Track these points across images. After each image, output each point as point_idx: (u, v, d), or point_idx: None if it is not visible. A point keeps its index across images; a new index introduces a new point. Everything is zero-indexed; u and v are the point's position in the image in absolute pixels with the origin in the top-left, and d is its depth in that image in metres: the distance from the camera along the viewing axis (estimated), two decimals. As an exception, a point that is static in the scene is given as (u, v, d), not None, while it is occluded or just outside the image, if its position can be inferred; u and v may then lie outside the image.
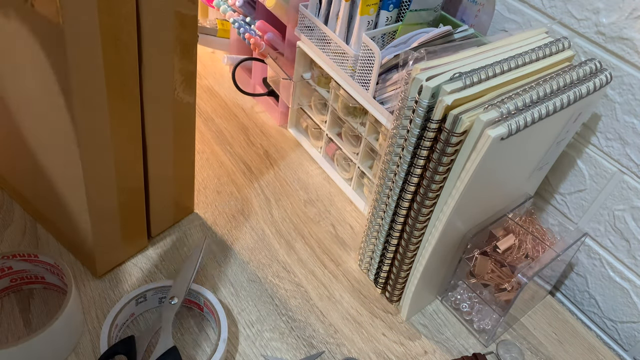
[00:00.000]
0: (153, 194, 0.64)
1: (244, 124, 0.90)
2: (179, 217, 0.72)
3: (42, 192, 0.63)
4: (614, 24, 0.62)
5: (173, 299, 0.58)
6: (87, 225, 0.58)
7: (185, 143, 0.65)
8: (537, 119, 0.51)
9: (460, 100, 0.50)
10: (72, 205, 0.58)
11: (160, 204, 0.67)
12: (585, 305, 0.75)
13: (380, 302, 0.68)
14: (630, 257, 0.68)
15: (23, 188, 0.67)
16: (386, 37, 0.71)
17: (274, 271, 0.69)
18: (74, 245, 0.64)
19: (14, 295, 0.61)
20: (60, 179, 0.58)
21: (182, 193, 0.70)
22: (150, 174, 0.62)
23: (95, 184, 0.55)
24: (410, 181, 0.56)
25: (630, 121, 0.63)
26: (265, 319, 0.64)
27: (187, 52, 0.57)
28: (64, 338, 0.55)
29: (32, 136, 0.58)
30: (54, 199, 0.61)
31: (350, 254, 0.73)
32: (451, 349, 0.65)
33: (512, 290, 0.63)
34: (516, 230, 0.67)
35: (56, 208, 0.62)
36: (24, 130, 0.58)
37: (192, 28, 0.56)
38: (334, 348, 0.62)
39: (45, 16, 0.43)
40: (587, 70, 0.57)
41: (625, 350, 0.72)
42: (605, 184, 0.68)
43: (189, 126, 0.64)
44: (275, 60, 0.84)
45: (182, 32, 0.55)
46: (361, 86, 0.69)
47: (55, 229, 0.66)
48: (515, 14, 0.72)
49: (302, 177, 0.83)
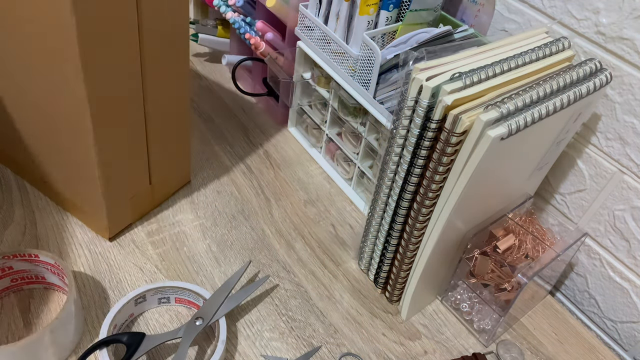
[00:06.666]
0: (152, 152, 0.66)
1: (244, 124, 0.90)
2: (178, 184, 0.76)
3: (46, 152, 0.65)
4: (614, 24, 0.62)
5: (198, 320, 0.57)
6: (95, 181, 0.60)
7: (181, 95, 0.67)
8: (537, 119, 0.51)
9: (460, 100, 0.50)
10: (80, 160, 0.60)
11: (160, 162, 0.69)
12: (585, 305, 0.75)
13: (380, 302, 0.68)
14: (630, 257, 0.68)
15: (22, 154, 0.68)
16: (386, 37, 0.71)
17: (274, 271, 0.69)
18: (80, 209, 0.67)
19: (14, 295, 0.61)
20: (66, 132, 0.59)
21: (179, 155, 0.74)
22: (148, 128, 0.64)
23: (103, 128, 0.57)
24: (410, 181, 0.56)
25: (630, 121, 0.63)
26: (265, 318, 0.64)
27: None
28: (64, 338, 0.55)
29: (33, 95, 0.59)
30: (58, 159, 0.63)
31: (350, 254, 0.73)
32: (451, 349, 0.65)
33: (512, 290, 0.63)
34: (516, 230, 0.67)
35: (62, 170, 0.64)
36: (24, 90, 0.59)
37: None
38: (334, 348, 0.62)
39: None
40: (587, 70, 0.57)
41: (625, 350, 0.72)
42: (605, 184, 0.68)
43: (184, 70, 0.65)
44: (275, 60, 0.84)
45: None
46: (361, 86, 0.69)
47: (60, 194, 0.68)
48: (515, 14, 0.72)
49: (302, 177, 0.83)
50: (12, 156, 0.72)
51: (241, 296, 0.62)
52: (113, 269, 0.65)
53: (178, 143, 0.72)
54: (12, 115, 0.65)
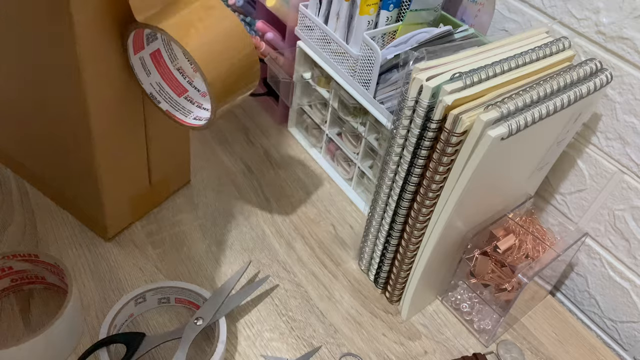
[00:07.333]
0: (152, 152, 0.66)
1: (244, 124, 0.90)
2: (178, 184, 0.76)
3: (45, 154, 0.65)
4: (614, 23, 0.62)
5: (198, 320, 0.57)
6: (95, 181, 0.60)
7: None
8: (538, 118, 0.51)
9: (460, 100, 0.50)
10: (80, 161, 0.60)
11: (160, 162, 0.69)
12: (586, 305, 0.75)
13: (380, 302, 0.68)
14: (630, 256, 0.68)
15: (22, 154, 0.69)
16: (386, 37, 0.70)
17: (274, 271, 0.69)
18: (80, 209, 0.67)
19: (14, 296, 0.60)
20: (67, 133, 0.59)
21: (179, 155, 0.74)
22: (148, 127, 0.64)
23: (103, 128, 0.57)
24: (411, 181, 0.56)
25: (630, 121, 0.63)
26: (265, 319, 0.64)
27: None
28: (64, 338, 0.55)
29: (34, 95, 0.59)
30: (59, 159, 0.63)
31: (350, 254, 0.73)
32: (451, 349, 0.65)
33: (513, 290, 0.63)
34: (516, 230, 0.67)
35: (62, 170, 0.64)
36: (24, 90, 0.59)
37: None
38: (334, 348, 0.62)
39: None
40: (587, 70, 0.57)
41: (625, 350, 0.72)
42: (605, 184, 0.68)
43: None
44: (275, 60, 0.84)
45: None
46: (361, 86, 0.69)
47: (60, 194, 0.68)
48: (515, 13, 0.72)
49: (302, 177, 0.83)
50: (12, 156, 0.72)
51: (241, 296, 0.62)
52: (113, 269, 0.65)
53: (178, 143, 0.72)
54: (12, 115, 0.65)
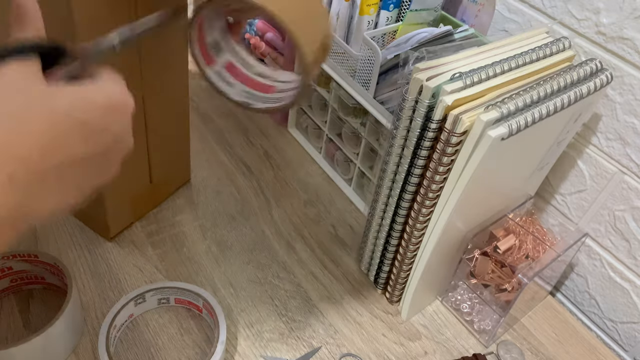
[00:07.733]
0: (153, 151, 0.66)
1: (244, 124, 0.90)
2: (178, 184, 0.76)
3: None
4: (614, 24, 0.62)
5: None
6: None
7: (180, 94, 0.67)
8: (538, 119, 0.51)
9: (460, 100, 0.50)
10: None
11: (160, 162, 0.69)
12: (586, 306, 0.75)
13: (380, 302, 0.68)
14: (630, 257, 0.68)
15: None
16: (386, 37, 0.70)
17: (273, 272, 0.69)
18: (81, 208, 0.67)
19: (13, 296, 0.60)
20: None
21: (179, 155, 0.74)
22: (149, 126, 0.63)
23: None
24: (411, 181, 0.56)
25: (630, 121, 0.63)
26: (265, 319, 0.63)
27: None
28: (64, 338, 0.55)
29: None
30: None
31: (350, 255, 0.73)
32: (451, 350, 0.64)
33: (513, 291, 0.63)
34: (517, 231, 0.67)
35: None
36: None
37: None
38: (334, 348, 0.62)
39: None
40: (587, 70, 0.57)
41: (625, 351, 0.72)
42: (605, 184, 0.68)
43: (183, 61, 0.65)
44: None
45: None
46: (361, 86, 0.69)
47: None
48: (515, 14, 0.72)
49: (302, 177, 0.83)
50: None
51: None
52: (113, 270, 0.65)
53: (178, 143, 0.72)
54: None
